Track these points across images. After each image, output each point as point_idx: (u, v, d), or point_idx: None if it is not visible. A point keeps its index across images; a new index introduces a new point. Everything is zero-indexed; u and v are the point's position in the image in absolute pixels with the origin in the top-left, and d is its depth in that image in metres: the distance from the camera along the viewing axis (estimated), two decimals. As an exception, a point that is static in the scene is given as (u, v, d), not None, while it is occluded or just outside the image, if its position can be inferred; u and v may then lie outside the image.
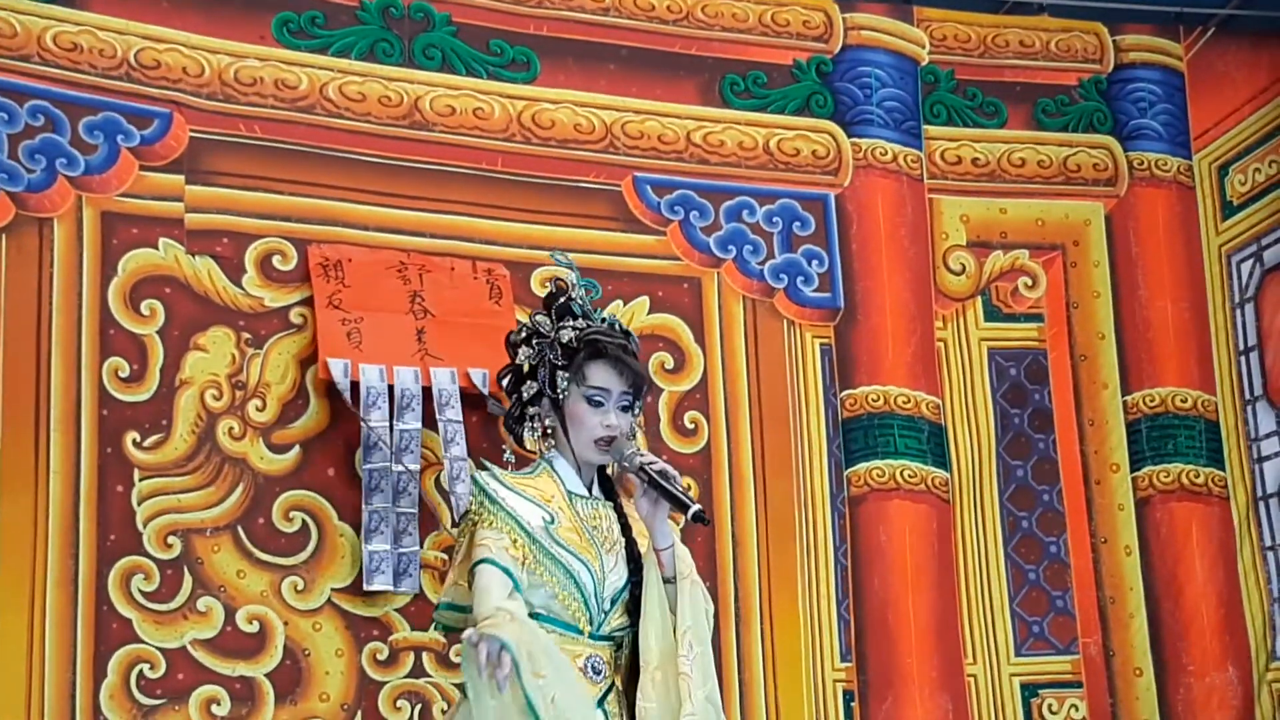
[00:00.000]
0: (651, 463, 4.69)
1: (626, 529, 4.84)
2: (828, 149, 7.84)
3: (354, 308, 6.87)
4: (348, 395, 6.73)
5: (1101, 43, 8.34)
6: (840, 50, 7.97)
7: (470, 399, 6.91)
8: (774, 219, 7.70)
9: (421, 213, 7.15)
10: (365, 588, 6.71)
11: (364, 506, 6.72)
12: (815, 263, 7.71)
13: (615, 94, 7.57)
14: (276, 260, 6.92)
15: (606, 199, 7.46)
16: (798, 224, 7.73)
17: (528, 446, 4.89)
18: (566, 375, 4.75)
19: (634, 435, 4.88)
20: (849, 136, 7.87)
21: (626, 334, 4.91)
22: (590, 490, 4.86)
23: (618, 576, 4.75)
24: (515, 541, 4.63)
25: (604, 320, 4.92)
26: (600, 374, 4.77)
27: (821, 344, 7.65)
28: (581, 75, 7.55)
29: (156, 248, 6.77)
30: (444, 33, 7.36)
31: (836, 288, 7.71)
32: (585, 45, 7.58)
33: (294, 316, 6.90)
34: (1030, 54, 8.27)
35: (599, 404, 4.76)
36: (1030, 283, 8.07)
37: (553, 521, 4.69)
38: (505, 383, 4.95)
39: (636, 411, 4.87)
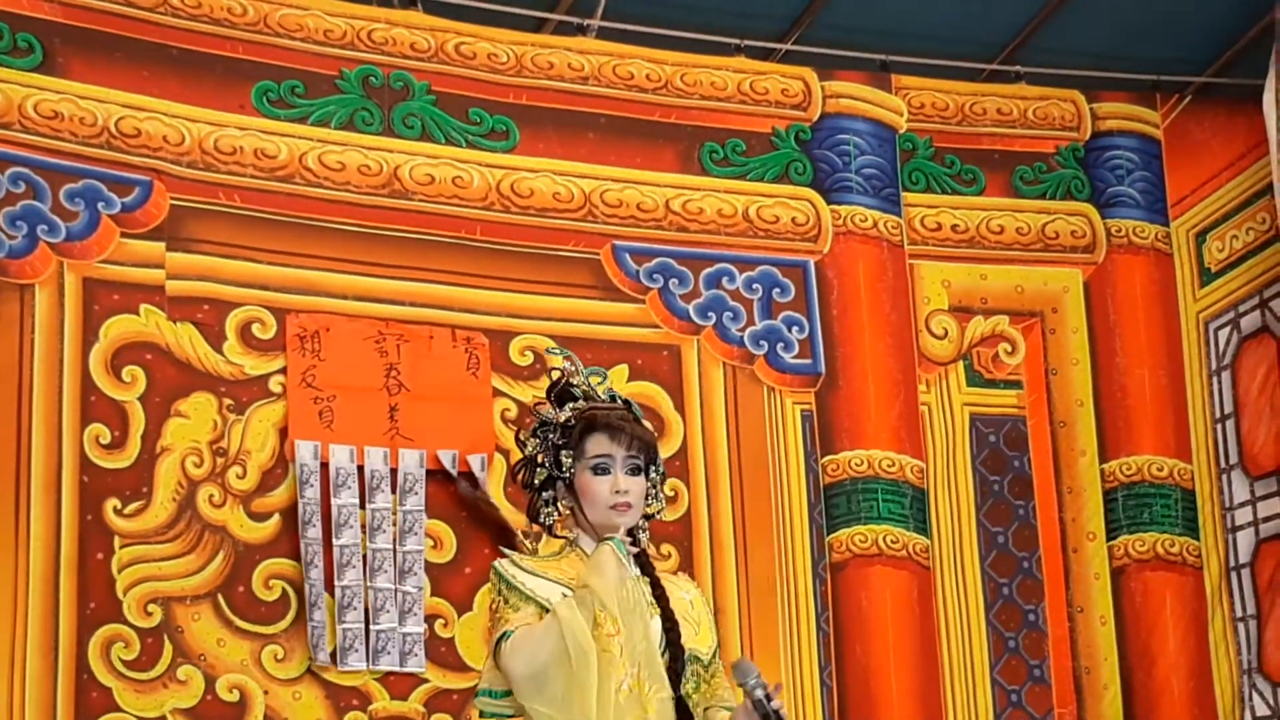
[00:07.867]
0: (769, 699, 4.59)
1: (662, 599, 4.79)
2: (807, 216, 7.86)
3: (327, 385, 6.92)
4: (316, 478, 6.77)
5: (1079, 111, 8.38)
6: (819, 118, 8.00)
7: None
8: (754, 286, 7.73)
9: (401, 281, 7.19)
10: (340, 668, 6.74)
11: (335, 583, 6.75)
12: (795, 329, 7.72)
13: (594, 162, 7.61)
14: (256, 328, 6.94)
15: (586, 267, 7.48)
16: (777, 290, 7.75)
17: (557, 534, 4.83)
18: (569, 452, 4.66)
19: (659, 498, 4.82)
20: (828, 203, 7.90)
21: (626, 404, 4.86)
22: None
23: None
24: (540, 616, 4.59)
25: (605, 396, 4.89)
26: (598, 443, 4.67)
27: (803, 410, 7.66)
28: (560, 144, 7.58)
29: (138, 314, 6.80)
30: (423, 101, 7.39)
31: (817, 354, 7.73)
32: (564, 114, 7.62)
33: (273, 385, 6.92)
34: (1008, 122, 8.31)
35: (605, 471, 4.62)
36: (1010, 349, 8.09)
37: None
38: (520, 477, 4.78)
39: (653, 475, 4.78)
